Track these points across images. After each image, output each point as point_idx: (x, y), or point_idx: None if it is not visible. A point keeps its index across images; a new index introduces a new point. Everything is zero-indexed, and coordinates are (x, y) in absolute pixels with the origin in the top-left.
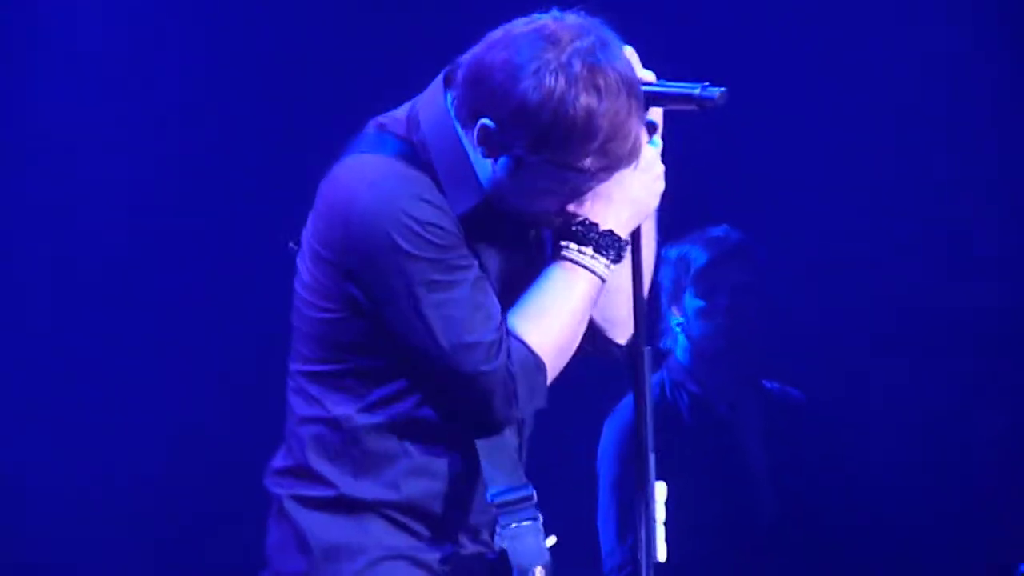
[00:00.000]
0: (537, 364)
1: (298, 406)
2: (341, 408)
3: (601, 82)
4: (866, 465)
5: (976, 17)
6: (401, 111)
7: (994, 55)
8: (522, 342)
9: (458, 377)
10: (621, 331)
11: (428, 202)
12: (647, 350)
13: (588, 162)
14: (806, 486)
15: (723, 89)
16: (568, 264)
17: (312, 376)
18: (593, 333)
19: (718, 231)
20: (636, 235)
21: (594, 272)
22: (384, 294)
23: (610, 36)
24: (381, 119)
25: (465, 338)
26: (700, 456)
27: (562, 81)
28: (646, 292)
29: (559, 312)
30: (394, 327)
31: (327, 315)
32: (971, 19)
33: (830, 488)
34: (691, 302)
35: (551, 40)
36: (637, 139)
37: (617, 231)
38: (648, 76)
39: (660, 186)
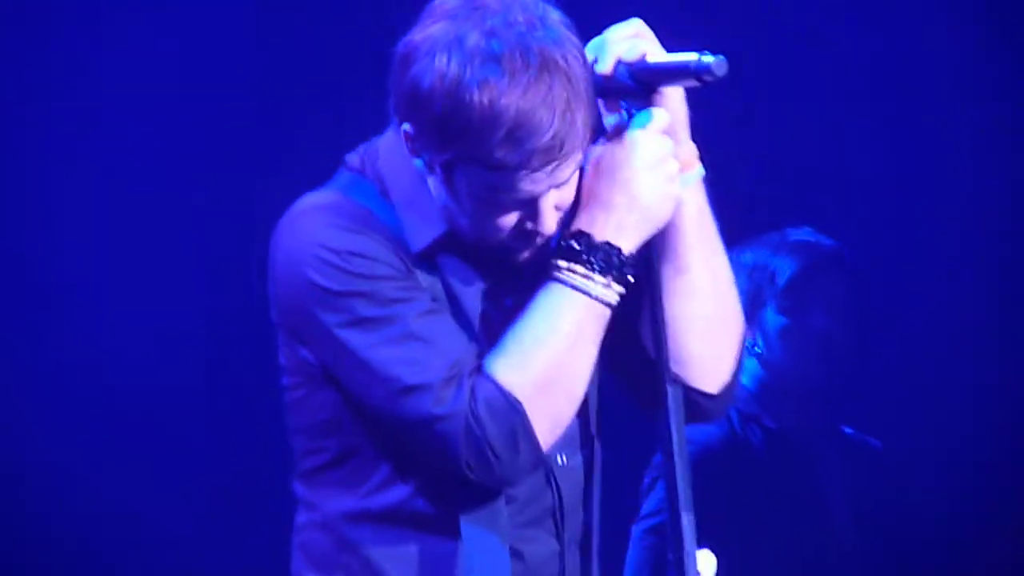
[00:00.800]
0: (509, 403)
1: (296, 516)
2: (334, 504)
3: (506, 60)
4: (946, 522)
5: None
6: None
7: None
8: (490, 379)
9: (410, 427)
10: (706, 377)
11: (353, 230)
12: (671, 390)
13: (502, 156)
14: (887, 545)
15: (720, 57)
16: (554, 286)
17: (302, 477)
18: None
19: (803, 234)
20: (649, 248)
21: (588, 294)
22: (320, 344)
23: (552, 15)
24: (350, 155)
25: (407, 379)
26: (777, 504)
27: (455, 61)
28: (715, 326)
29: (538, 341)
30: (342, 382)
31: (295, 393)
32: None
33: (911, 552)
34: (774, 319)
35: (467, 15)
36: (569, 129)
37: (616, 242)
38: (650, 49)
39: (672, 188)
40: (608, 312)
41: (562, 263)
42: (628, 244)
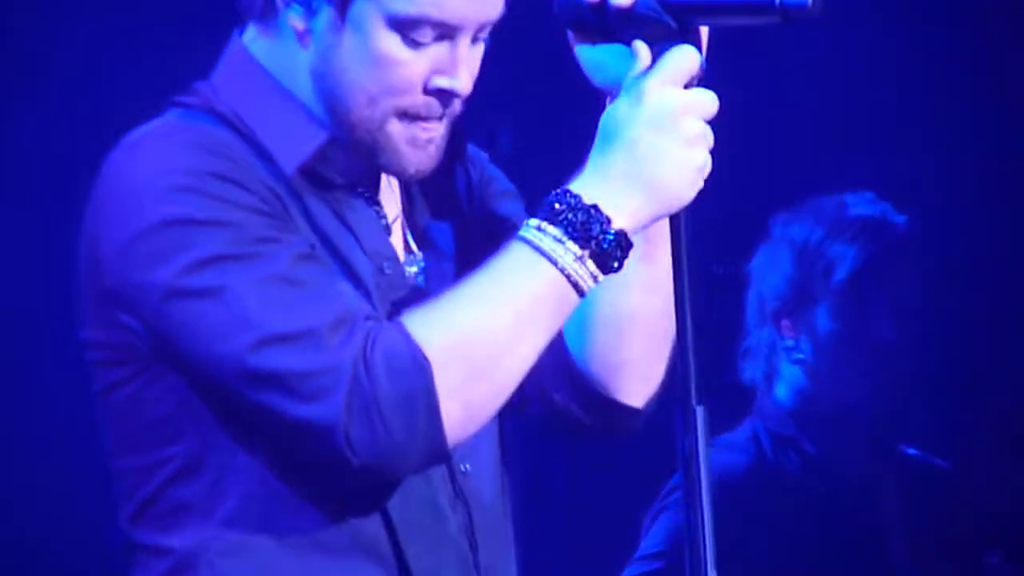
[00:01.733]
0: (415, 360)
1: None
2: (189, 538)
3: None
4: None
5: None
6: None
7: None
8: (398, 327)
9: (275, 391)
10: (635, 386)
11: (212, 151)
12: (700, 410)
13: None
14: None
15: None
16: (514, 244)
17: (137, 516)
18: (588, 390)
19: (867, 206)
20: (675, 231)
21: (554, 262)
22: (155, 301)
23: None
24: (178, 98)
25: (276, 324)
26: (819, 544)
27: None
28: (668, 325)
29: (474, 302)
30: (184, 351)
31: (120, 391)
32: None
33: None
34: (826, 322)
35: None
36: None
37: (607, 211)
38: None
39: (697, 158)
40: (575, 300)
41: (533, 221)
42: (623, 220)
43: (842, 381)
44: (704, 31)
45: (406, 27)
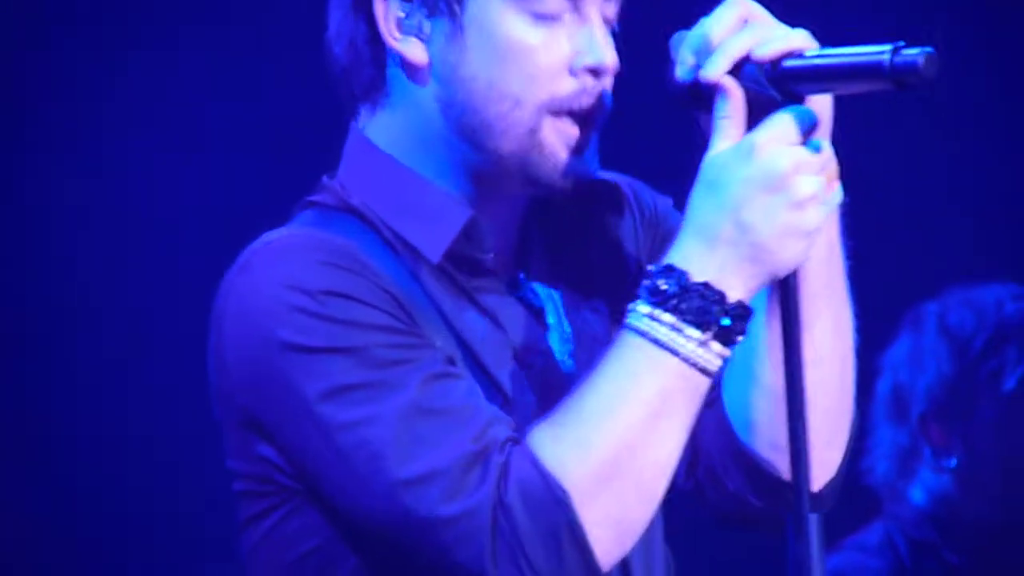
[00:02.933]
0: (553, 495)
1: None
2: None
3: None
4: None
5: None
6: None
7: None
8: (530, 456)
9: (416, 536)
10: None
11: (332, 265)
12: (814, 518)
13: None
14: None
15: (928, 50)
16: (629, 338)
17: None
18: (760, 474)
19: None
20: (789, 296)
21: (676, 353)
22: (291, 431)
23: None
24: (308, 197)
25: (409, 466)
26: None
27: None
28: (834, 402)
29: (603, 413)
30: (322, 484)
31: (263, 522)
32: None
33: None
34: (989, 433)
35: None
36: None
37: (719, 286)
38: (796, 41)
39: (807, 220)
40: (706, 382)
41: (642, 308)
42: (736, 291)
43: (1000, 495)
44: (821, 101)
45: (530, 0)
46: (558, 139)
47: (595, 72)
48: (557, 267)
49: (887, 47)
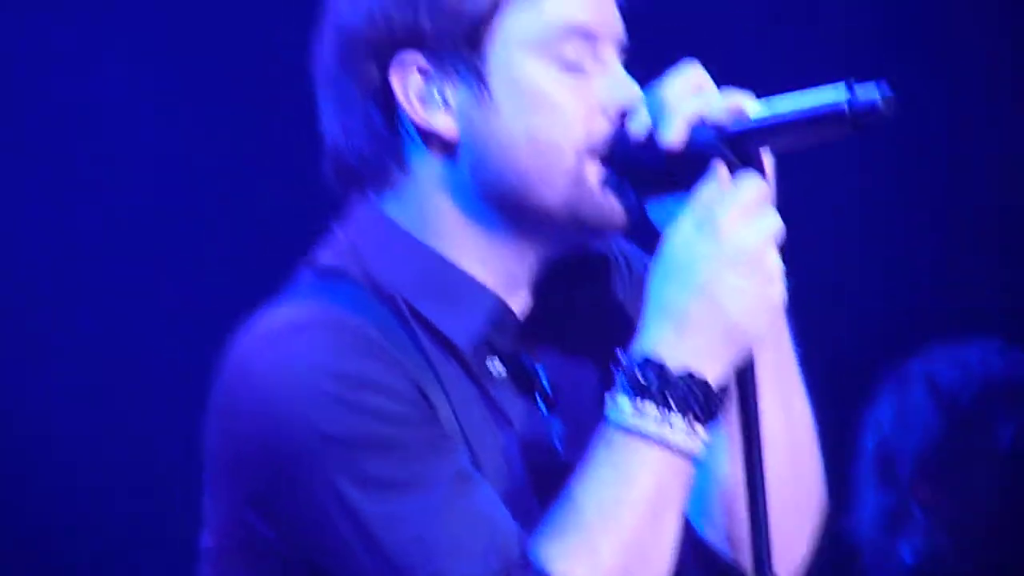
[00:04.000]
0: None
1: None
2: None
3: None
4: None
5: None
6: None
7: None
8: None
9: None
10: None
11: (362, 353)
12: None
13: None
14: None
15: (883, 88)
16: (618, 436)
17: None
18: (722, 571)
19: (1012, 361)
20: (745, 377)
21: (666, 444)
22: (302, 518)
23: None
24: (317, 258)
25: (435, 569)
26: None
27: None
28: (791, 492)
29: (606, 516)
30: (334, 567)
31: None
32: None
33: None
34: (985, 492)
35: None
36: None
37: (698, 370)
38: (744, 101)
39: (777, 294)
40: (691, 467)
41: (624, 402)
42: (713, 371)
43: (995, 554)
44: (768, 159)
45: (554, 47)
46: (598, 180)
47: (624, 112)
48: (550, 338)
49: (838, 88)
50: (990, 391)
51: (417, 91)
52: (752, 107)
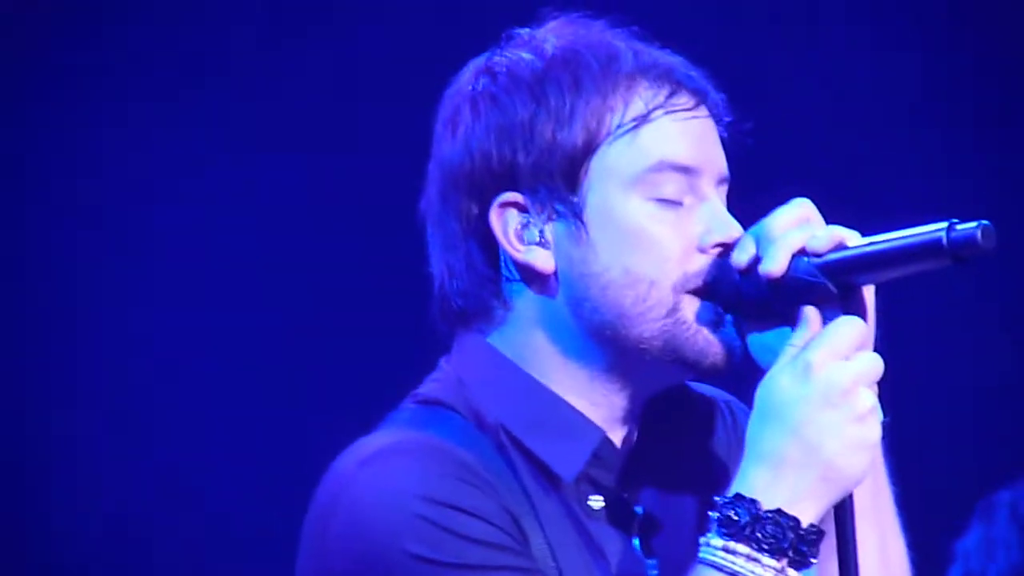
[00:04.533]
0: None
1: None
2: None
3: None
4: None
5: None
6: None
7: None
8: None
9: None
10: None
11: (461, 479)
12: None
13: (614, 117)
14: None
15: (986, 223)
16: (707, 572)
17: None
18: None
19: None
20: (843, 514)
21: None
22: None
23: None
24: (421, 390)
25: None
26: None
27: (470, 74)
28: None
29: None
30: None
31: None
32: None
33: None
34: None
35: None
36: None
37: (791, 511)
38: (848, 235)
39: (869, 433)
40: None
41: (715, 541)
42: (808, 514)
43: None
44: (868, 291)
45: (650, 184)
46: (701, 318)
47: (723, 247)
48: (651, 479)
49: (941, 225)
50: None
51: (515, 228)
52: (855, 241)
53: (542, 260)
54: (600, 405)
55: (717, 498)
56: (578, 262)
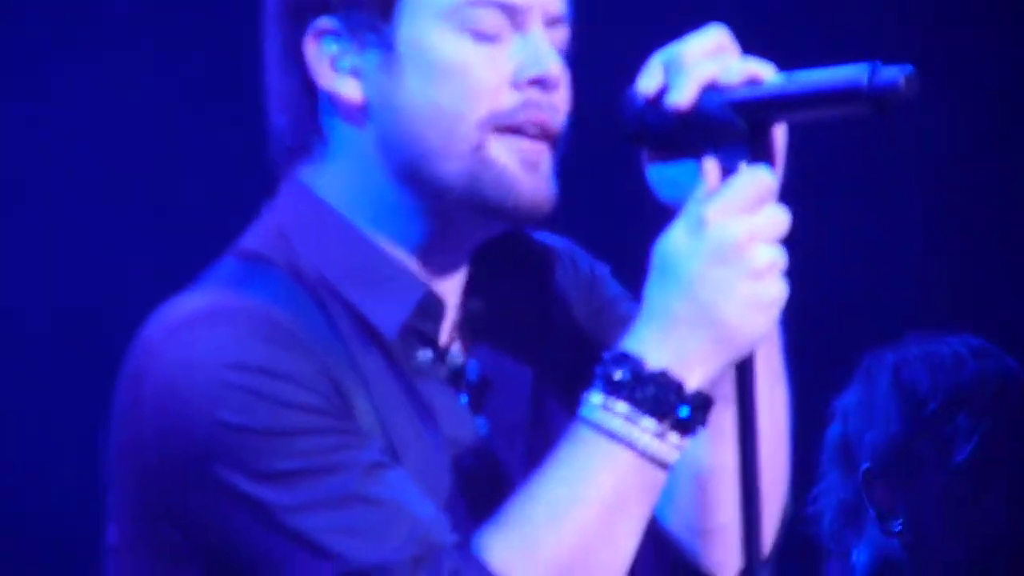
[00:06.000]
0: None
1: None
2: None
3: None
4: None
5: None
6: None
7: None
8: (478, 562)
9: None
10: (728, 557)
11: (274, 342)
12: None
13: None
14: None
15: (908, 68)
16: (582, 431)
17: None
18: (675, 561)
19: (990, 364)
20: (745, 376)
21: (632, 446)
22: (210, 514)
23: None
24: (242, 242)
25: (358, 555)
26: None
27: None
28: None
29: (555, 512)
30: (243, 569)
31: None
32: None
33: None
34: (935, 502)
35: None
36: None
37: (677, 373)
38: (763, 70)
39: (768, 290)
40: (662, 476)
41: (595, 398)
42: (695, 377)
43: (944, 568)
44: (780, 132)
45: (467, 17)
46: (509, 155)
47: (540, 84)
48: (485, 332)
49: (863, 67)
50: (957, 399)
51: (329, 57)
52: (770, 77)
53: (350, 89)
54: (421, 254)
55: (604, 353)
56: (387, 94)
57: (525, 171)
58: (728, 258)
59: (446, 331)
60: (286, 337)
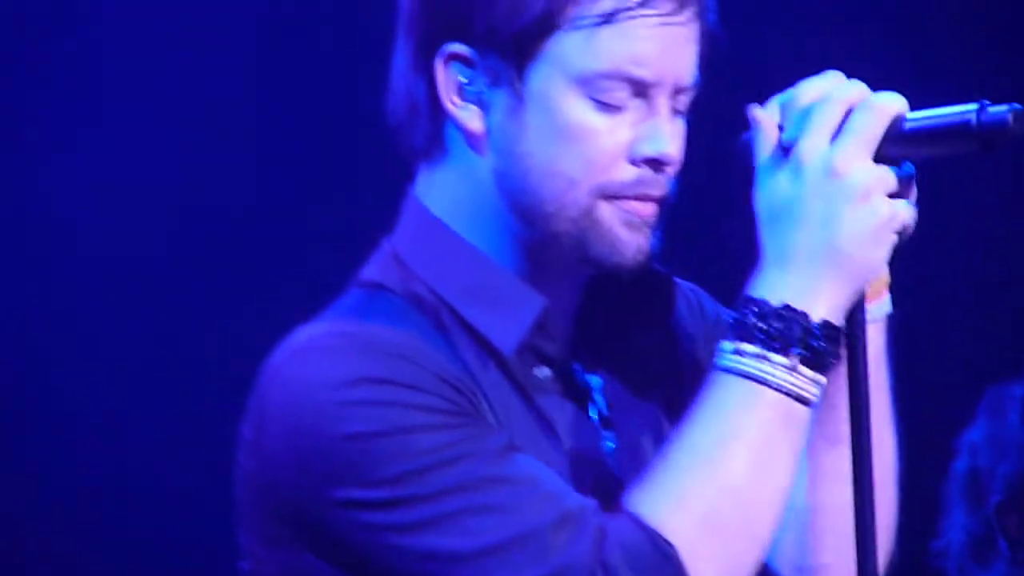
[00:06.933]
0: (659, 551)
1: None
2: None
3: None
4: None
5: None
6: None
7: None
8: (631, 516)
9: None
10: None
11: (394, 356)
12: None
13: (579, 6)
14: None
15: (1016, 106)
16: (718, 378)
17: None
18: None
19: None
20: (856, 323)
21: (766, 383)
22: (346, 526)
23: None
24: (363, 272)
25: (498, 530)
26: None
27: None
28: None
29: (700, 459)
30: (386, 566)
31: None
32: None
33: None
34: None
35: None
36: None
37: (800, 306)
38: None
39: (877, 209)
40: (805, 412)
41: (727, 345)
42: (819, 308)
43: None
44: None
45: (596, 88)
46: (614, 219)
47: (655, 163)
48: (606, 353)
49: (972, 106)
50: None
51: (456, 83)
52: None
53: (473, 118)
54: (536, 273)
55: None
56: (508, 137)
57: (630, 231)
58: (828, 183)
59: (563, 349)
60: (405, 352)
